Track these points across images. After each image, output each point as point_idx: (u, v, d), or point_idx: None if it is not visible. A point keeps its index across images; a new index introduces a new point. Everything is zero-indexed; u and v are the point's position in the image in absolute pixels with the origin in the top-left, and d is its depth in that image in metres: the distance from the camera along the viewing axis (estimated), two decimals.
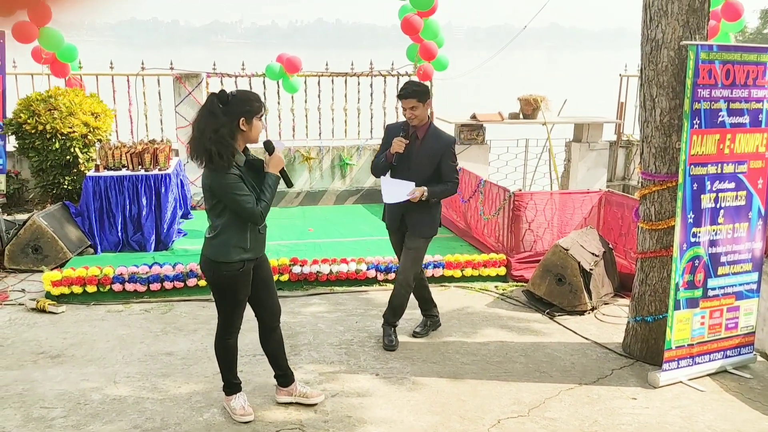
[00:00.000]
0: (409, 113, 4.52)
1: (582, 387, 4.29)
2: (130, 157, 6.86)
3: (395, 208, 4.66)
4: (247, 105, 3.44)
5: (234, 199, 3.41)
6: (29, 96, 7.58)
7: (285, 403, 3.98)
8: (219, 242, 3.53)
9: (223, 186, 3.40)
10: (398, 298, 4.79)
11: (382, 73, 9.02)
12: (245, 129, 3.44)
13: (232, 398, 3.85)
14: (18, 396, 4.03)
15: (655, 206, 4.47)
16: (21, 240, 6.24)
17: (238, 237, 3.53)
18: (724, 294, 4.51)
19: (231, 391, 3.86)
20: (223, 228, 3.52)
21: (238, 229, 3.52)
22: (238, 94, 3.49)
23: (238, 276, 3.58)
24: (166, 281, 5.70)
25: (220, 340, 3.78)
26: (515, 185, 9.61)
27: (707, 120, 4.16)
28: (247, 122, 3.44)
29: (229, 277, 3.58)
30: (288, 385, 3.99)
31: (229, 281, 3.59)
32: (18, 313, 5.31)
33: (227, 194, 3.41)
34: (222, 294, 3.67)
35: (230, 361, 3.83)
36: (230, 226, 3.51)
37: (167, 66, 8.35)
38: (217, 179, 3.40)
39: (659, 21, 4.30)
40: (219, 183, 3.40)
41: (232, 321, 3.73)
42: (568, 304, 5.47)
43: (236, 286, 3.62)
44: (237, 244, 3.53)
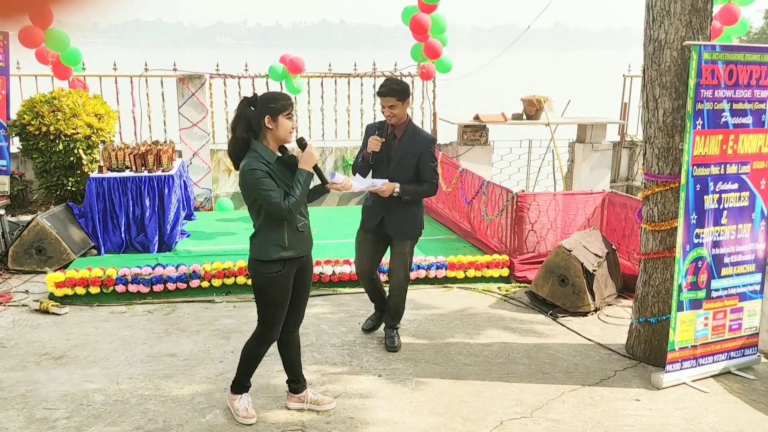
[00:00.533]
0: (388, 111, 4.48)
1: (585, 388, 4.28)
2: (134, 158, 6.87)
3: (375, 209, 4.63)
4: (271, 102, 3.48)
5: (261, 194, 3.43)
6: (33, 97, 7.60)
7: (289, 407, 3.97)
8: (258, 240, 3.57)
9: (249, 182, 3.42)
10: (394, 300, 4.81)
11: (385, 74, 9.01)
12: (271, 127, 3.48)
13: (238, 398, 3.83)
14: (21, 397, 4.04)
15: (658, 207, 4.46)
16: (25, 241, 6.25)
17: (276, 234, 3.53)
18: (728, 295, 4.49)
19: (238, 391, 3.84)
20: (260, 226, 3.55)
21: (274, 226, 3.53)
22: (264, 95, 3.56)
23: (277, 278, 3.56)
24: (169, 282, 5.71)
25: (255, 344, 3.73)
26: (518, 186, 9.60)
27: (710, 121, 4.14)
28: (273, 120, 3.47)
29: (268, 278, 3.56)
30: (300, 392, 3.95)
31: (269, 282, 3.57)
32: (21, 314, 5.33)
33: (255, 190, 3.43)
34: (260, 295, 3.65)
35: (254, 365, 3.80)
36: (267, 224, 3.53)
37: (170, 67, 8.36)
38: (244, 175, 3.43)
39: (662, 21, 4.29)
40: (246, 179, 3.43)
41: (270, 326, 3.67)
42: (571, 305, 5.46)
43: (277, 286, 3.59)
44: (275, 241, 3.53)
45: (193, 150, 8.40)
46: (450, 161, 8.00)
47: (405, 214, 4.62)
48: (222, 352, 4.70)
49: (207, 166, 8.50)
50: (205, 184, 8.52)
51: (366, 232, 4.76)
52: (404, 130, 4.58)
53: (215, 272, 5.79)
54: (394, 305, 4.83)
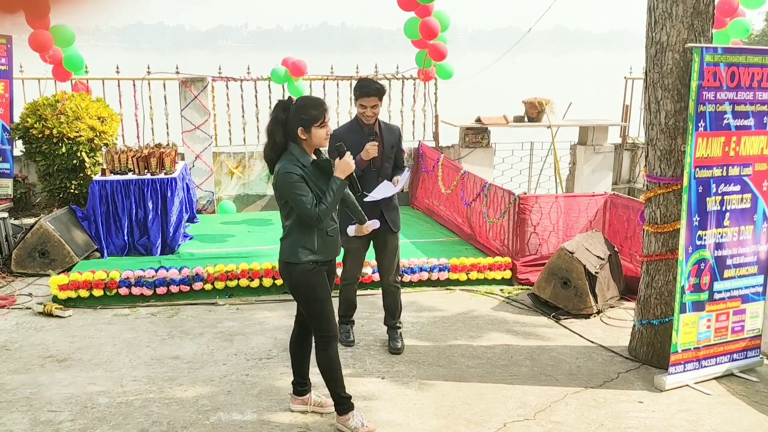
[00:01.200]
0: (370, 111, 4.50)
1: (588, 390, 4.28)
2: (137, 161, 6.89)
3: (374, 208, 4.53)
4: (303, 114, 3.46)
5: (294, 198, 3.44)
6: (36, 100, 7.62)
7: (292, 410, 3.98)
8: (288, 243, 3.58)
9: (285, 184, 3.43)
10: (392, 297, 4.84)
11: (387, 77, 9.03)
12: (304, 138, 3.48)
13: (349, 417, 3.69)
14: (25, 400, 4.05)
15: (661, 209, 4.47)
16: (28, 244, 6.27)
17: (305, 238, 3.54)
18: (730, 297, 4.50)
19: (346, 409, 3.70)
20: (291, 229, 3.56)
21: (304, 230, 3.54)
22: (298, 102, 3.52)
23: (310, 274, 3.56)
24: (173, 285, 5.72)
25: (324, 351, 3.65)
26: (520, 188, 9.61)
27: (712, 123, 4.15)
28: (306, 131, 3.47)
29: (302, 279, 3.56)
30: (305, 395, 3.94)
31: (303, 280, 3.57)
32: (25, 317, 5.34)
33: (288, 193, 3.45)
34: (302, 296, 3.63)
35: (339, 372, 3.69)
36: (297, 227, 3.54)
37: (173, 70, 8.38)
38: (281, 177, 3.44)
39: (664, 24, 4.30)
40: (282, 181, 3.44)
41: (326, 324, 3.62)
42: (574, 307, 5.47)
43: (311, 285, 3.58)
44: (304, 245, 3.54)
45: (196, 153, 8.42)
46: (452, 163, 8.01)
47: (396, 206, 4.75)
48: (225, 354, 4.71)
49: (209, 168, 8.51)
50: (208, 187, 8.54)
51: (359, 238, 4.62)
52: (378, 125, 4.64)
53: (218, 275, 5.80)
54: (393, 302, 4.84)
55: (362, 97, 4.49)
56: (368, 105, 4.48)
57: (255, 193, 8.80)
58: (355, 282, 4.90)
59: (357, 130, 4.55)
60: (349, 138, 4.44)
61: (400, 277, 4.96)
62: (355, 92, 4.55)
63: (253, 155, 8.70)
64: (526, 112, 9.18)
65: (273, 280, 5.89)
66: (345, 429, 3.71)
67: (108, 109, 7.86)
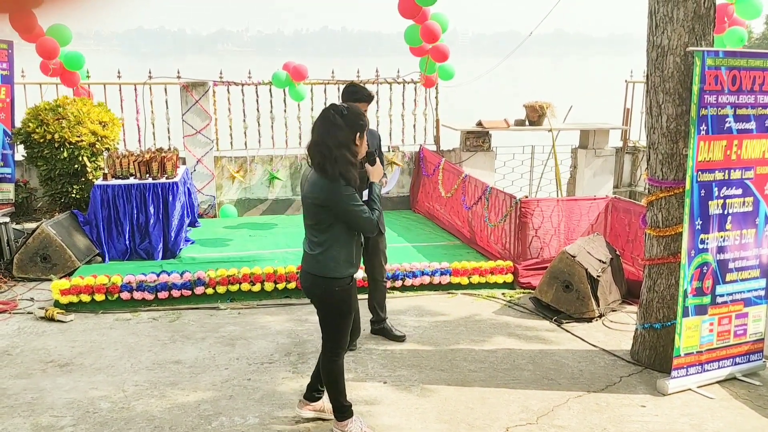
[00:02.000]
0: None
1: (590, 394, 4.28)
2: (138, 165, 6.90)
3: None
4: (360, 119, 3.44)
5: (351, 210, 3.37)
6: (38, 105, 7.64)
7: (294, 415, 3.97)
8: (328, 257, 3.45)
9: (342, 198, 3.33)
10: (383, 293, 5.05)
11: (387, 81, 9.05)
12: (358, 144, 3.43)
13: (349, 423, 3.70)
14: (27, 405, 4.04)
15: (663, 213, 4.47)
16: (30, 249, 6.27)
17: (347, 251, 3.49)
18: (733, 301, 4.49)
19: (345, 416, 3.71)
20: (332, 242, 3.44)
21: (345, 242, 3.47)
22: (352, 108, 3.46)
23: (350, 288, 3.54)
24: (174, 289, 5.72)
25: (330, 361, 3.65)
26: (521, 192, 9.60)
27: (714, 126, 4.15)
28: (361, 137, 3.44)
29: (341, 294, 3.51)
30: (317, 401, 3.91)
31: (342, 296, 3.52)
32: (27, 322, 5.34)
33: (345, 206, 3.35)
34: (334, 311, 3.57)
35: (342, 382, 3.70)
36: (338, 240, 3.45)
37: (174, 75, 8.40)
38: (334, 192, 3.33)
39: (665, 27, 4.30)
40: (338, 195, 3.33)
41: (342, 339, 3.64)
42: (576, 311, 5.46)
43: (349, 300, 3.57)
44: (346, 258, 3.48)
45: (197, 157, 8.43)
46: (453, 167, 8.02)
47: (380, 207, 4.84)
48: (227, 359, 4.71)
49: (211, 173, 8.52)
50: (209, 191, 8.54)
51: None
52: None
53: (220, 279, 5.80)
54: (383, 298, 5.06)
55: (355, 103, 4.52)
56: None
57: (256, 197, 8.81)
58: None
59: None
60: None
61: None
62: (345, 98, 4.62)
63: (254, 159, 8.71)
64: (527, 115, 9.18)
65: (274, 284, 5.89)
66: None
67: (109, 113, 7.88)
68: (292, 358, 4.72)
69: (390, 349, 4.89)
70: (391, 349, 4.89)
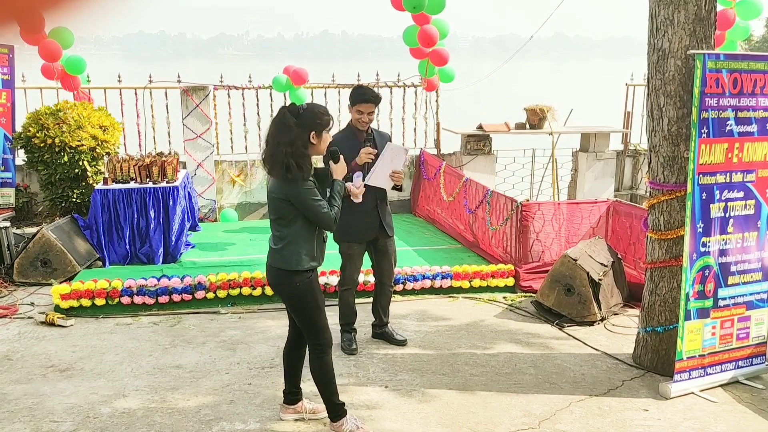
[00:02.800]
0: (367, 118, 4.63)
1: (593, 398, 4.26)
2: (138, 169, 6.89)
3: (371, 216, 4.72)
4: (317, 119, 3.52)
5: (312, 205, 3.49)
6: (38, 110, 7.62)
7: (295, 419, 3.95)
8: (290, 251, 3.56)
9: (302, 193, 3.47)
10: (388, 297, 5.06)
11: (388, 84, 9.04)
12: (315, 142, 3.53)
13: (343, 422, 3.72)
14: (27, 410, 4.03)
15: (664, 216, 4.45)
16: (30, 253, 6.26)
17: (308, 245, 3.58)
18: (735, 304, 4.48)
19: (339, 415, 3.73)
20: (294, 237, 3.56)
21: (307, 237, 3.58)
22: (309, 108, 3.57)
23: (312, 281, 3.61)
24: (175, 294, 5.71)
25: (317, 359, 3.67)
26: (522, 195, 9.59)
27: (715, 129, 4.15)
28: (318, 136, 3.53)
29: (304, 286, 3.59)
30: (296, 403, 3.94)
31: (306, 289, 3.59)
32: (27, 327, 5.33)
33: (305, 201, 3.48)
34: (302, 304, 3.63)
35: (333, 380, 3.72)
36: (300, 235, 3.56)
37: (175, 79, 8.40)
38: (295, 188, 3.46)
39: (665, 30, 4.30)
40: (298, 191, 3.47)
41: (322, 331, 3.67)
42: (578, 314, 5.44)
43: (314, 292, 3.62)
44: (307, 252, 3.58)
45: (198, 161, 8.43)
46: (453, 171, 8.01)
47: (389, 211, 4.87)
48: (228, 363, 4.69)
49: (211, 177, 8.51)
50: (210, 195, 8.54)
51: (360, 244, 4.82)
52: (370, 130, 4.76)
53: (220, 283, 5.79)
54: (388, 302, 5.06)
55: (361, 104, 4.61)
56: (365, 111, 4.61)
57: (257, 201, 8.80)
58: (354, 287, 4.97)
59: (351, 137, 4.68)
60: (344, 145, 4.58)
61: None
62: (353, 98, 4.65)
63: (254, 163, 8.70)
64: (528, 119, 9.17)
65: None
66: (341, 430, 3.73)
67: (110, 118, 7.86)
68: None
69: (391, 353, 4.88)
70: (392, 353, 4.88)
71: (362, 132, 4.68)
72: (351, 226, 4.71)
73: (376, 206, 4.71)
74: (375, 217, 4.73)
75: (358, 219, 4.70)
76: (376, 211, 4.72)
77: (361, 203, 4.58)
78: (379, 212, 4.73)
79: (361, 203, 4.58)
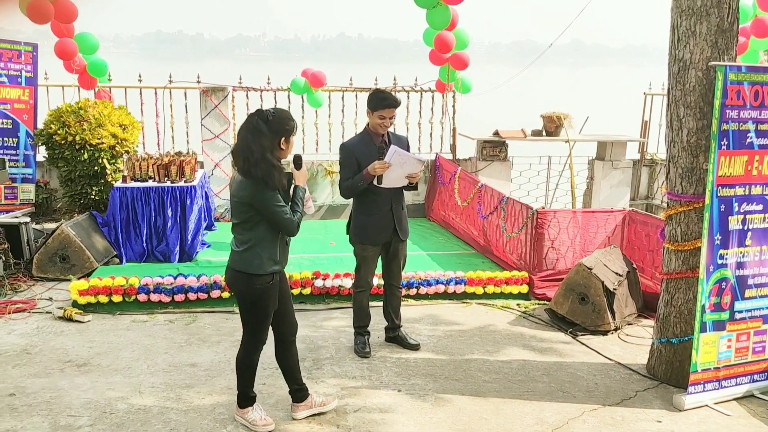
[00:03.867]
0: (388, 122, 4.64)
1: (606, 408, 4.25)
2: (157, 168, 6.96)
3: (386, 219, 4.73)
4: (286, 125, 3.60)
5: (274, 211, 3.55)
6: (60, 107, 7.73)
7: (306, 417, 3.99)
8: (252, 255, 3.63)
9: (265, 198, 3.52)
10: (398, 300, 5.07)
11: (405, 89, 9.07)
12: (284, 148, 3.62)
13: (249, 410, 3.89)
14: (46, 404, 4.09)
15: (682, 227, 4.44)
16: (49, 249, 6.34)
17: (270, 249, 3.65)
18: (751, 317, 4.45)
19: (247, 404, 3.90)
20: (256, 241, 3.62)
21: (270, 241, 3.65)
22: (278, 113, 3.63)
23: (269, 288, 3.68)
24: (191, 292, 5.76)
25: (247, 355, 3.82)
26: (537, 202, 9.57)
27: (735, 141, 4.13)
28: (286, 141, 3.62)
29: (261, 291, 3.66)
30: (305, 399, 4.01)
31: (261, 294, 3.67)
32: (45, 321, 5.40)
33: (268, 206, 3.54)
34: (253, 307, 3.73)
35: (253, 374, 3.88)
36: (264, 239, 3.63)
37: (194, 79, 8.48)
38: (259, 193, 3.52)
39: (687, 41, 4.29)
40: (261, 196, 3.52)
41: (260, 335, 3.79)
42: (591, 323, 5.43)
43: (267, 300, 3.70)
44: (269, 256, 3.65)
45: (215, 161, 8.49)
46: (469, 176, 8.01)
47: (405, 214, 4.88)
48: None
49: (228, 177, 8.57)
50: (226, 196, 8.59)
51: (374, 246, 4.83)
52: (387, 136, 4.75)
53: None
54: (398, 304, 5.08)
55: (384, 109, 4.59)
56: (388, 116, 4.61)
57: None
58: (369, 289, 4.98)
59: (368, 142, 4.69)
60: (360, 149, 4.66)
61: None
62: (375, 104, 4.60)
63: None
64: (545, 126, 9.16)
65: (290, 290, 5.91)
66: (244, 421, 3.88)
67: (130, 116, 7.96)
68: (307, 364, 4.73)
69: (404, 357, 4.90)
70: (405, 358, 4.90)
71: (379, 136, 4.68)
72: (366, 228, 4.74)
73: (391, 209, 4.74)
74: (390, 220, 4.75)
75: (373, 221, 4.73)
76: (390, 214, 4.74)
77: (377, 206, 4.62)
78: (393, 215, 4.75)
79: (377, 206, 4.62)
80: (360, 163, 4.62)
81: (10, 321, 5.39)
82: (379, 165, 4.51)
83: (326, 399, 4.07)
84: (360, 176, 4.60)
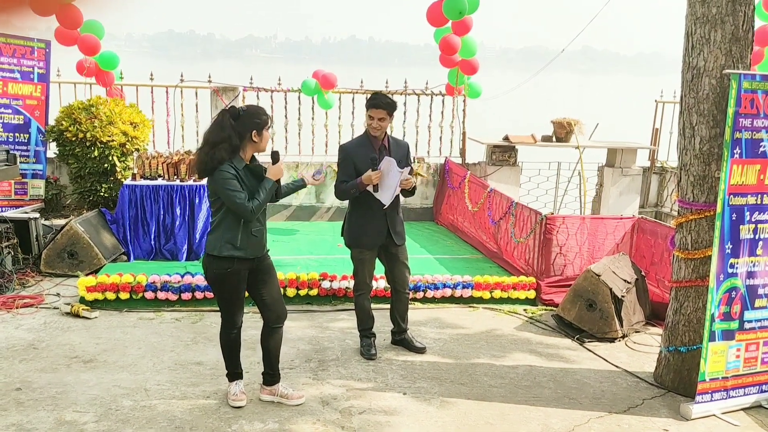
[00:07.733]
0: (377, 123, 4.62)
1: (612, 416, 4.23)
2: (167, 167, 6.98)
3: (380, 223, 4.73)
4: (256, 118, 3.82)
5: (226, 193, 3.73)
6: (71, 104, 7.77)
7: (314, 421, 3.98)
8: (214, 237, 3.85)
9: (217, 180, 3.72)
10: (405, 304, 5.04)
11: (416, 92, 9.07)
12: (256, 140, 3.84)
13: (231, 384, 4.17)
14: (51, 399, 4.10)
15: (692, 235, 4.42)
16: (58, 245, 6.37)
17: (231, 233, 3.82)
18: (761, 327, 4.42)
19: (230, 379, 4.17)
20: (218, 223, 3.85)
21: (230, 225, 3.82)
22: (248, 109, 3.87)
23: (226, 274, 3.84)
24: (197, 291, 5.76)
25: (223, 332, 4.08)
26: (546, 208, 9.55)
27: (748, 150, 4.11)
28: (258, 134, 3.83)
29: (218, 274, 3.86)
30: (272, 385, 4.18)
31: (218, 277, 3.88)
32: (53, 317, 5.41)
33: (221, 189, 3.73)
34: (215, 289, 3.98)
35: (231, 352, 4.13)
36: (224, 222, 3.83)
37: (205, 78, 8.50)
38: (216, 175, 3.73)
39: (701, 49, 4.27)
40: (215, 178, 3.74)
41: (229, 316, 4.01)
42: (599, 330, 5.41)
43: (225, 283, 3.88)
44: (228, 240, 3.81)
45: None
46: (478, 181, 8.00)
47: (400, 219, 4.88)
48: (248, 363, 4.71)
49: None
50: None
51: (370, 250, 4.82)
52: (387, 139, 4.76)
53: None
54: (405, 309, 5.05)
55: (371, 108, 4.65)
56: (375, 116, 4.62)
57: (280, 203, 8.84)
58: (368, 291, 4.98)
59: (366, 145, 4.70)
60: (357, 152, 4.67)
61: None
62: (367, 103, 4.71)
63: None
64: (555, 131, 9.15)
65: (296, 290, 5.91)
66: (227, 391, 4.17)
67: (140, 114, 7.99)
68: (313, 365, 4.73)
69: (410, 361, 4.88)
70: (411, 361, 4.89)
71: (377, 139, 4.67)
72: (360, 231, 4.77)
73: (385, 214, 4.72)
74: (384, 225, 4.74)
75: (368, 225, 4.74)
76: (384, 219, 4.73)
77: (371, 211, 4.63)
78: (387, 220, 4.74)
79: (371, 210, 4.64)
80: (356, 164, 4.64)
81: (18, 316, 5.42)
82: (374, 175, 4.54)
83: (292, 393, 4.18)
84: (353, 183, 4.63)
